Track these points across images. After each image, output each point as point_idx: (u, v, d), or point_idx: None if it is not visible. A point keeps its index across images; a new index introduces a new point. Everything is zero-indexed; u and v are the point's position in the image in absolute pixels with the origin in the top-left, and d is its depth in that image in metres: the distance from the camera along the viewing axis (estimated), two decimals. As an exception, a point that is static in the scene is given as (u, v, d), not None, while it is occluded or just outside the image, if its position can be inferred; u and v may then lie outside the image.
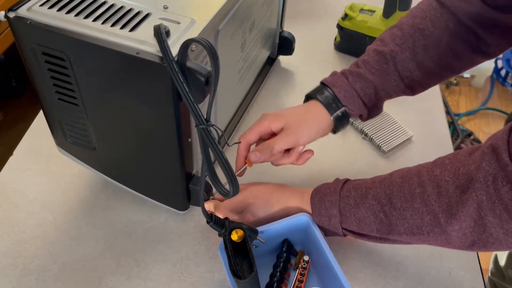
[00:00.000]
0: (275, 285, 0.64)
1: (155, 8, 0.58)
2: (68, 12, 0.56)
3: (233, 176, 0.53)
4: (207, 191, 0.69)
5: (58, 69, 0.59)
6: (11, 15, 0.56)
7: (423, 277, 0.68)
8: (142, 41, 0.53)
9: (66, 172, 0.80)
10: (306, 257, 0.67)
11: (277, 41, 0.98)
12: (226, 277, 0.67)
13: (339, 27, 1.05)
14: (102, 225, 0.73)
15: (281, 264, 0.65)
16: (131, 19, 0.56)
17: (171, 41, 0.53)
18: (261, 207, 0.67)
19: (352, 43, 1.04)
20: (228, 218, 0.62)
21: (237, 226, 0.60)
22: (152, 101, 0.56)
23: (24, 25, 0.55)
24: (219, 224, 0.61)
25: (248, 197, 0.68)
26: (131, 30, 0.54)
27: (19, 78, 2.14)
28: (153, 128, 0.60)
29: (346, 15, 1.03)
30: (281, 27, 0.97)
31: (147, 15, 0.57)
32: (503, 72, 2.52)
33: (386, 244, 0.70)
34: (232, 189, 0.54)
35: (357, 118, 0.83)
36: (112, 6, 0.57)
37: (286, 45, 0.99)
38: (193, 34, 0.55)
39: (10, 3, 0.57)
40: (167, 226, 0.73)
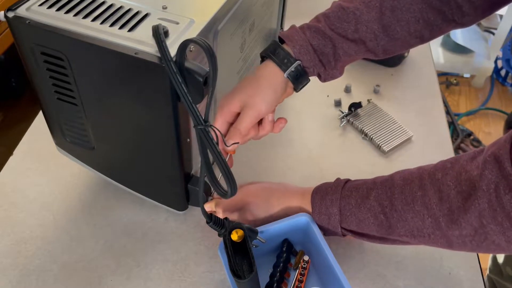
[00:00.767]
0: (275, 285, 0.64)
1: (154, 8, 0.58)
2: (67, 12, 0.56)
3: (231, 176, 0.53)
4: (206, 192, 0.69)
5: (57, 69, 0.59)
6: (10, 14, 0.56)
7: (423, 277, 0.68)
8: (140, 41, 0.53)
9: (66, 172, 0.80)
10: (306, 257, 0.67)
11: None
12: (226, 277, 0.67)
13: (339, 27, 1.05)
14: (102, 225, 0.73)
15: (281, 264, 0.65)
16: (130, 19, 0.56)
17: (169, 41, 0.53)
18: (261, 206, 0.67)
19: (352, 43, 1.04)
20: (228, 218, 0.62)
21: (237, 226, 0.60)
22: (150, 101, 0.56)
23: (23, 24, 0.55)
24: (219, 224, 0.61)
25: (248, 196, 0.68)
26: (130, 30, 0.54)
27: (19, 78, 2.14)
28: (151, 128, 0.60)
29: (346, 15, 1.03)
30: (281, 28, 0.97)
31: (146, 15, 0.57)
32: (503, 72, 2.52)
33: (386, 244, 0.70)
34: (230, 189, 0.54)
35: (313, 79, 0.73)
36: (111, 6, 0.57)
37: (286, 45, 0.99)
38: (192, 34, 0.55)
39: (10, 3, 0.57)
40: (167, 226, 0.73)
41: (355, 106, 0.92)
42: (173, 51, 0.51)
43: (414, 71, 1.04)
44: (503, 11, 2.53)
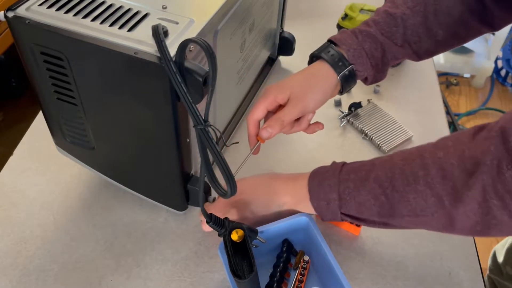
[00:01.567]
0: (275, 285, 0.64)
1: (154, 8, 0.58)
2: (67, 12, 0.56)
3: (231, 176, 0.53)
4: (205, 192, 0.69)
5: (57, 69, 0.59)
6: (9, 14, 0.56)
7: (423, 277, 0.68)
8: (140, 41, 0.53)
9: (66, 172, 0.80)
10: (306, 257, 0.66)
11: (277, 41, 0.98)
12: (226, 277, 0.67)
13: (339, 27, 1.05)
14: (102, 225, 0.73)
15: (281, 264, 0.65)
16: (129, 19, 0.56)
17: (169, 41, 0.53)
18: (249, 201, 0.67)
19: (352, 43, 1.04)
20: (228, 218, 0.62)
21: (237, 226, 0.60)
22: (150, 101, 0.56)
23: (22, 24, 0.55)
24: (219, 224, 0.61)
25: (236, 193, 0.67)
26: (130, 30, 0.54)
27: (19, 78, 2.14)
28: (151, 128, 0.60)
29: (346, 15, 1.03)
30: (282, 28, 0.97)
31: (145, 15, 0.57)
32: (503, 72, 2.52)
33: (385, 244, 0.70)
34: (230, 189, 0.54)
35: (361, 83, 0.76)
36: (110, 6, 0.57)
37: (286, 45, 0.99)
38: (191, 34, 0.55)
39: (10, 2, 0.57)
40: (167, 226, 0.73)
41: (355, 106, 0.92)
42: (172, 51, 0.51)
43: (414, 71, 1.04)
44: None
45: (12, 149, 0.84)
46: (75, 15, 0.56)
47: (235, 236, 0.59)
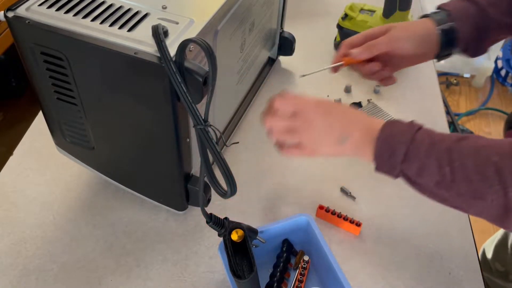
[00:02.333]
0: (275, 285, 0.64)
1: (154, 8, 0.58)
2: (67, 12, 0.56)
3: (230, 176, 0.53)
4: (205, 192, 0.69)
5: (57, 69, 0.59)
6: (9, 14, 0.56)
7: (423, 277, 0.68)
8: (140, 41, 0.53)
9: (66, 172, 0.80)
10: (306, 257, 0.66)
11: (277, 41, 0.97)
12: (226, 277, 0.67)
13: (339, 27, 1.05)
14: (102, 225, 0.73)
15: (281, 264, 0.65)
16: (129, 19, 0.56)
17: (169, 41, 0.53)
18: (317, 121, 0.63)
19: (352, 43, 1.04)
20: (227, 218, 0.62)
21: (237, 226, 0.60)
22: (150, 101, 0.56)
23: (22, 24, 0.55)
24: (218, 224, 0.61)
25: (306, 105, 0.64)
26: (130, 30, 0.54)
27: (19, 78, 2.14)
28: (151, 128, 0.60)
29: (346, 15, 1.03)
30: (282, 28, 0.97)
31: (145, 15, 0.57)
32: (503, 72, 2.52)
33: (385, 244, 0.70)
34: (230, 189, 0.54)
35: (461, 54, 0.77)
36: (110, 6, 0.57)
37: (286, 45, 0.99)
38: (191, 34, 0.55)
39: (10, 2, 0.57)
40: (167, 226, 0.73)
41: (355, 106, 0.92)
42: (172, 51, 0.51)
43: (414, 71, 1.04)
44: (503, 11, 2.53)
45: (12, 149, 0.84)
46: (75, 15, 0.56)
47: (235, 236, 0.59)
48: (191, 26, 0.56)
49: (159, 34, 0.51)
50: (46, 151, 0.83)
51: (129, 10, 0.57)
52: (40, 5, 0.57)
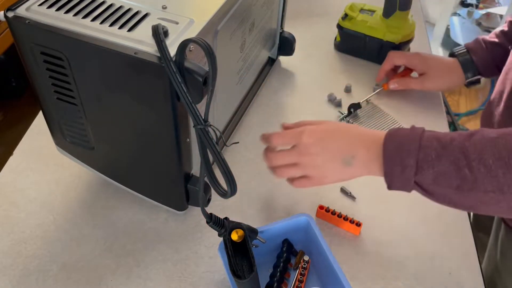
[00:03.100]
0: (275, 285, 0.64)
1: (154, 8, 0.58)
2: (67, 12, 0.56)
3: (231, 176, 0.53)
4: (205, 192, 0.69)
5: (57, 69, 0.59)
6: (9, 14, 0.56)
7: (423, 277, 0.68)
8: (140, 41, 0.53)
9: (66, 172, 0.80)
10: (306, 257, 0.66)
11: (277, 41, 0.97)
12: (226, 277, 0.67)
13: (339, 27, 1.05)
14: (102, 225, 0.73)
15: (281, 264, 0.65)
16: (129, 19, 0.56)
17: (169, 41, 0.53)
18: (320, 148, 0.62)
19: (352, 43, 1.04)
20: (227, 218, 0.62)
21: (237, 226, 0.60)
22: (150, 101, 0.56)
23: (22, 24, 0.55)
24: (218, 224, 0.61)
25: (305, 134, 0.63)
26: (130, 30, 0.54)
27: (19, 78, 2.14)
28: (151, 128, 0.60)
29: (346, 15, 1.03)
30: (282, 28, 0.97)
31: (145, 15, 0.57)
32: (503, 72, 2.52)
33: (385, 244, 0.70)
34: (230, 189, 0.54)
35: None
36: (110, 6, 0.57)
37: (286, 45, 0.99)
38: (191, 34, 0.55)
39: (10, 2, 0.57)
40: (167, 226, 0.73)
41: (354, 107, 0.92)
42: (172, 51, 0.51)
43: (414, 71, 1.04)
44: (503, 11, 2.54)
45: (12, 149, 0.84)
46: (75, 15, 0.56)
47: (235, 236, 0.59)
48: (191, 26, 0.56)
49: (159, 34, 0.51)
50: (46, 151, 0.83)
51: (129, 10, 0.57)
52: (40, 5, 0.57)
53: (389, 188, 0.59)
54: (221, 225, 0.61)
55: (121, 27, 0.55)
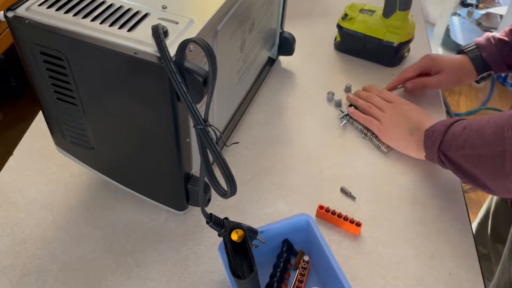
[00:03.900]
0: (275, 285, 0.64)
1: (154, 8, 0.58)
2: (67, 12, 0.56)
3: (231, 176, 0.53)
4: (205, 192, 0.69)
5: (56, 69, 0.59)
6: (9, 14, 0.56)
7: (423, 277, 0.68)
8: (140, 41, 0.53)
9: (66, 172, 0.80)
10: (306, 257, 0.66)
11: (277, 41, 0.97)
12: (226, 277, 0.67)
13: (339, 27, 1.05)
14: (102, 225, 0.73)
15: (281, 264, 0.65)
16: (129, 19, 0.56)
17: (169, 41, 0.53)
18: (403, 111, 0.84)
19: (352, 43, 1.04)
20: (227, 218, 0.62)
21: (237, 226, 0.60)
22: (150, 101, 0.56)
23: (22, 24, 0.55)
24: (218, 224, 0.61)
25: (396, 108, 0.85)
26: (129, 30, 0.54)
27: (19, 78, 2.14)
28: (151, 128, 0.60)
29: (346, 15, 1.03)
30: (282, 28, 0.97)
31: (145, 15, 0.57)
32: (503, 72, 2.52)
33: (385, 244, 0.70)
34: (230, 189, 0.54)
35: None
36: (110, 6, 0.57)
37: (286, 45, 0.99)
38: (191, 34, 0.55)
39: (10, 2, 0.57)
40: (167, 226, 0.73)
41: (355, 106, 0.92)
42: (172, 51, 0.51)
43: (414, 71, 1.04)
44: (503, 11, 2.54)
45: (12, 149, 0.84)
46: (75, 15, 0.56)
47: (235, 236, 0.59)
48: (191, 26, 0.56)
49: (159, 34, 0.51)
50: (46, 151, 0.83)
51: (129, 10, 0.57)
52: (40, 5, 0.57)
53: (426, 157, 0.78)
54: (221, 225, 0.61)
55: (121, 27, 0.55)
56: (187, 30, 0.56)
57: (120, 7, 0.57)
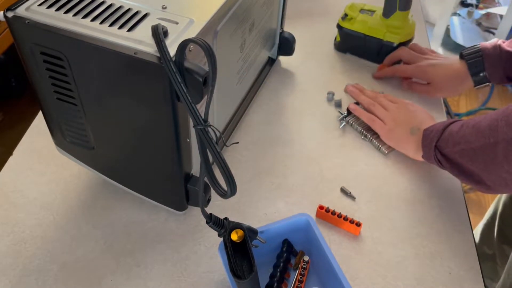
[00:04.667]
0: (275, 285, 0.64)
1: (154, 8, 0.58)
2: (67, 12, 0.56)
3: (231, 176, 0.53)
4: (205, 192, 0.69)
5: (56, 69, 0.59)
6: (9, 14, 0.56)
7: (423, 277, 0.68)
8: (140, 41, 0.53)
9: (66, 172, 0.80)
10: (306, 257, 0.66)
11: (277, 41, 0.97)
12: (226, 277, 0.67)
13: (339, 27, 1.05)
14: (102, 225, 0.73)
15: (281, 264, 0.65)
16: (129, 19, 0.56)
17: (169, 41, 0.53)
18: (409, 112, 0.84)
19: (352, 43, 1.04)
20: (227, 218, 0.62)
21: (237, 226, 0.60)
22: (150, 101, 0.56)
23: (22, 24, 0.55)
24: (218, 224, 0.61)
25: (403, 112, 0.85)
26: (129, 30, 0.54)
27: (19, 78, 2.14)
28: (151, 128, 0.60)
29: (346, 15, 1.03)
30: (282, 28, 0.97)
31: (145, 15, 0.57)
32: (503, 72, 2.52)
33: (385, 244, 0.70)
34: (230, 189, 0.54)
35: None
36: (110, 6, 0.57)
37: (286, 45, 0.99)
38: (191, 34, 0.55)
39: (10, 2, 0.57)
40: (167, 226, 0.73)
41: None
42: (172, 51, 0.51)
43: (414, 71, 1.04)
44: (503, 11, 2.54)
45: (12, 149, 0.84)
46: (75, 15, 0.56)
47: (235, 236, 0.59)
48: (191, 26, 0.56)
49: (159, 34, 0.51)
50: (46, 151, 0.83)
51: (129, 10, 0.57)
52: (40, 5, 0.57)
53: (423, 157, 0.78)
54: (221, 225, 0.61)
55: (121, 27, 0.55)
56: (187, 30, 0.56)
57: (120, 7, 0.57)
